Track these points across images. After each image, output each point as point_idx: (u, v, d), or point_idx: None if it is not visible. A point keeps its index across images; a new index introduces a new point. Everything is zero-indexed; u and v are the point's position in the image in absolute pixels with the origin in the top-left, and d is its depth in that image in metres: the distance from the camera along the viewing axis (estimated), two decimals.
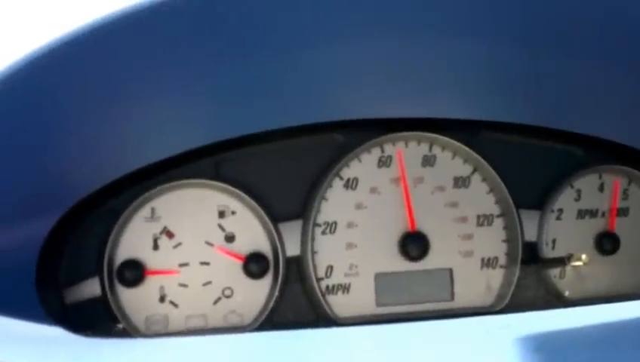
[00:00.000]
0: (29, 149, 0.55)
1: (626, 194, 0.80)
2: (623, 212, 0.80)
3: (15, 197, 0.57)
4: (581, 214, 0.79)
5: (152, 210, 0.73)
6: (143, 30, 0.51)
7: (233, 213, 0.74)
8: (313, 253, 0.74)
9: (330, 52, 0.59)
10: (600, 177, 0.80)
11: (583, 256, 0.76)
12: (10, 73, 0.49)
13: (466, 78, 0.64)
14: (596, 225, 0.79)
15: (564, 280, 0.78)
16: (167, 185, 0.72)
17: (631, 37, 0.56)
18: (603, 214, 0.80)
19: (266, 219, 0.73)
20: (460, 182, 0.77)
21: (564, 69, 0.61)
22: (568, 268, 0.78)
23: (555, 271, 0.78)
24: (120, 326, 0.71)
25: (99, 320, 0.71)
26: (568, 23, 0.56)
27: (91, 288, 0.70)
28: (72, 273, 0.70)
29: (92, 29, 0.49)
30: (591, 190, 0.79)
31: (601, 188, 0.79)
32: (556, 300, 0.77)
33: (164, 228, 0.73)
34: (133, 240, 0.72)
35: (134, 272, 0.72)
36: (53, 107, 0.54)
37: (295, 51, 0.58)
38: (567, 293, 0.78)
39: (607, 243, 0.78)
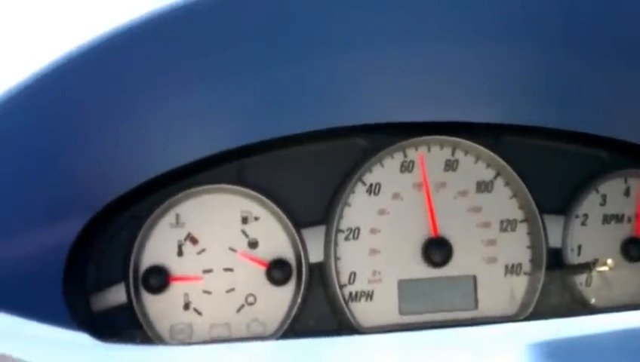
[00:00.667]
0: (54, 155, 0.56)
1: None
2: None
3: (41, 204, 0.58)
4: (607, 219, 0.78)
5: (177, 215, 0.73)
6: (167, 35, 0.52)
7: (256, 218, 0.74)
8: (336, 259, 0.74)
9: (353, 56, 0.59)
10: (625, 181, 0.78)
11: (609, 261, 0.75)
12: (36, 79, 0.50)
13: (489, 81, 0.64)
14: (622, 231, 0.78)
15: (590, 287, 0.76)
16: (191, 191, 0.73)
17: None
18: (629, 219, 0.78)
19: (289, 224, 0.73)
20: (483, 187, 0.76)
21: (587, 70, 0.60)
22: (594, 275, 0.77)
23: (580, 279, 0.77)
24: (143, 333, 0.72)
25: (124, 329, 0.70)
26: (592, 25, 0.56)
27: (117, 295, 0.70)
28: (98, 279, 0.71)
29: (116, 33, 0.50)
30: (616, 194, 0.78)
31: (627, 193, 0.78)
32: (582, 308, 0.75)
33: (189, 234, 0.73)
34: (158, 246, 0.73)
35: (159, 278, 0.72)
36: (78, 112, 0.55)
37: (317, 56, 0.59)
38: (593, 301, 0.76)
39: (633, 249, 0.76)
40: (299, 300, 0.72)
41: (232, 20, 0.53)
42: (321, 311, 0.73)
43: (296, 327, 0.73)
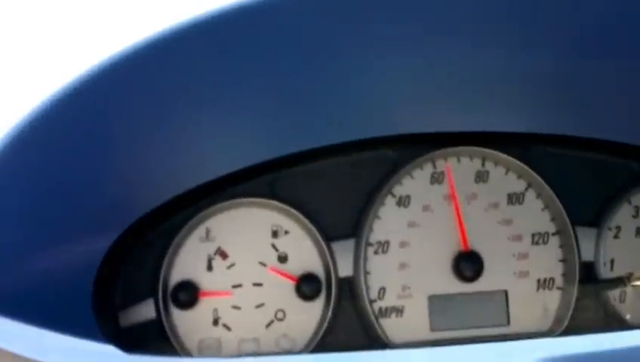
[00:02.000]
0: (85, 171, 0.57)
1: None
2: None
3: (72, 220, 0.58)
4: None
5: (207, 230, 0.73)
6: (198, 49, 0.53)
7: (286, 232, 0.74)
8: (366, 273, 0.73)
9: (382, 67, 0.59)
10: None
11: None
12: (66, 94, 0.51)
13: (519, 91, 0.64)
14: None
15: (624, 303, 0.74)
16: (222, 205, 0.73)
17: None
18: None
19: (319, 238, 0.72)
20: (514, 199, 0.75)
21: (619, 79, 0.60)
22: (629, 291, 0.74)
23: (614, 294, 0.74)
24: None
25: (153, 343, 0.70)
26: (623, 33, 0.56)
27: (146, 310, 0.70)
28: (128, 294, 0.70)
29: (147, 47, 0.51)
30: None
31: None
32: (617, 323, 0.73)
33: (219, 248, 0.73)
34: (188, 261, 0.72)
35: (188, 294, 0.71)
36: (109, 128, 0.56)
37: (347, 68, 0.59)
38: (628, 316, 0.73)
39: None
40: (328, 315, 0.71)
41: (264, 33, 0.54)
42: (350, 326, 0.72)
43: (325, 343, 0.71)
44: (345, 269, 0.72)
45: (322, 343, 0.71)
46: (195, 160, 0.65)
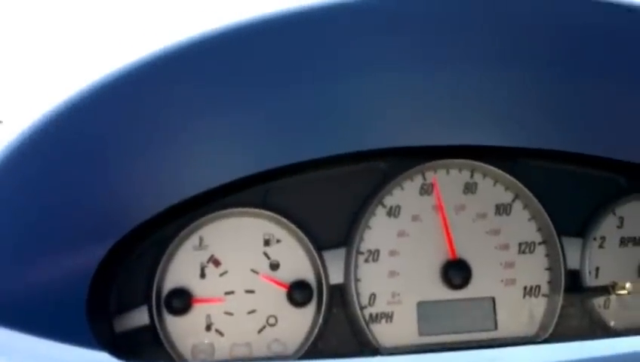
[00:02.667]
0: (79, 181, 0.57)
1: None
2: None
3: (67, 230, 0.59)
4: (624, 242, 0.78)
5: (200, 238, 0.74)
6: (192, 66, 0.54)
7: (278, 241, 0.75)
8: (356, 281, 0.74)
9: (373, 82, 0.61)
10: None
11: (628, 285, 0.74)
12: (63, 108, 0.52)
13: (506, 106, 0.65)
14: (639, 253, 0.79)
15: (608, 310, 0.76)
16: (215, 214, 0.74)
17: None
18: None
19: (311, 247, 0.74)
20: (502, 210, 0.77)
21: (604, 95, 0.61)
22: (613, 298, 0.76)
23: (599, 301, 0.76)
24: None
25: (146, 349, 0.71)
26: (607, 49, 0.57)
27: (140, 316, 0.71)
28: (122, 301, 0.71)
29: (143, 64, 0.52)
30: (633, 217, 0.78)
31: None
32: (601, 330, 0.75)
33: (212, 256, 0.74)
34: (181, 268, 0.73)
35: (182, 301, 0.72)
36: (103, 141, 0.56)
37: (338, 82, 0.60)
38: (612, 323, 0.75)
39: None
40: (319, 321, 0.72)
41: (258, 50, 0.54)
42: (341, 332, 0.73)
43: (317, 347, 0.72)
44: (336, 277, 0.74)
45: (314, 348, 0.72)
46: (189, 172, 0.65)
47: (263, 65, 0.56)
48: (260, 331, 0.73)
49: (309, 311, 0.73)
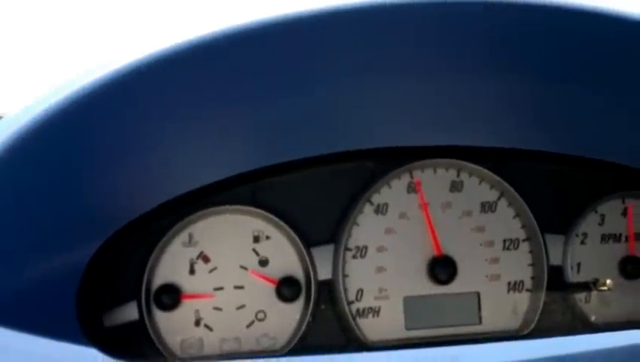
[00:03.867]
0: (71, 179, 0.58)
1: None
2: None
3: (58, 226, 0.59)
4: (605, 238, 0.80)
5: (190, 235, 0.75)
6: (183, 69, 0.54)
7: (267, 237, 0.76)
8: (344, 276, 0.75)
9: (362, 85, 0.61)
10: (623, 202, 0.80)
11: (608, 281, 0.76)
12: (57, 106, 0.52)
13: (491, 108, 0.66)
14: (620, 249, 0.80)
15: (589, 304, 0.78)
16: (205, 212, 0.74)
17: None
18: (626, 239, 0.80)
19: (299, 243, 0.75)
20: (487, 207, 0.79)
21: (586, 100, 0.63)
22: (594, 293, 0.78)
23: (580, 296, 0.78)
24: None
25: (136, 343, 0.72)
26: (589, 55, 0.58)
27: (129, 312, 0.72)
28: (111, 297, 0.72)
29: (135, 65, 0.52)
30: (614, 215, 0.80)
31: (625, 213, 0.80)
32: (582, 325, 0.77)
33: (201, 252, 0.74)
34: (171, 265, 0.74)
35: (171, 296, 0.73)
36: (96, 141, 0.57)
37: (328, 85, 0.61)
38: (593, 318, 0.78)
39: (630, 267, 0.78)
40: (308, 316, 0.74)
41: (246, 51, 0.55)
42: (329, 326, 0.75)
43: (305, 342, 0.74)
44: (324, 272, 0.75)
45: (302, 342, 0.73)
46: (179, 170, 0.66)
47: (253, 68, 0.56)
48: (248, 326, 0.74)
49: (298, 306, 0.75)
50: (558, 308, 0.77)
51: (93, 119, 0.54)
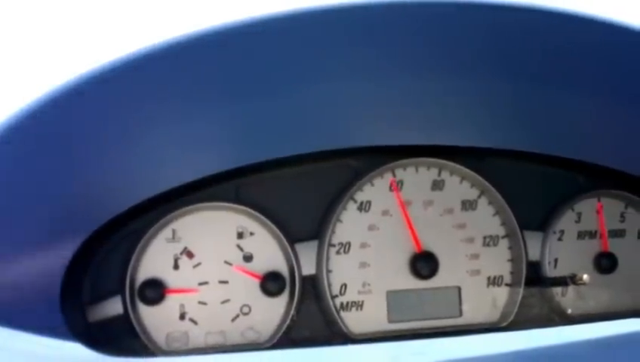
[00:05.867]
0: (55, 175, 0.58)
1: (623, 217, 0.84)
2: (619, 233, 0.84)
3: (43, 221, 0.59)
4: (581, 235, 0.83)
5: (173, 231, 0.75)
6: (170, 67, 0.54)
7: (252, 234, 0.77)
8: (328, 271, 0.77)
9: (346, 86, 0.62)
10: (599, 200, 0.83)
11: (585, 276, 0.79)
12: (41, 104, 0.52)
13: (472, 109, 0.67)
14: (595, 246, 0.83)
15: (566, 297, 0.81)
16: (188, 208, 0.75)
17: (627, 72, 0.60)
18: (601, 235, 0.83)
19: (283, 239, 0.76)
20: (468, 205, 0.81)
21: (565, 101, 0.65)
22: (570, 287, 0.81)
23: (557, 290, 0.82)
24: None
25: (121, 337, 0.73)
26: (568, 58, 0.60)
27: (114, 306, 0.72)
28: (95, 292, 0.72)
29: (120, 63, 0.52)
30: (590, 213, 0.83)
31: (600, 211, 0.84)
32: (559, 317, 0.80)
33: (185, 248, 0.75)
34: (155, 260, 0.75)
35: (155, 291, 0.74)
36: (79, 134, 0.57)
37: (312, 84, 0.61)
38: (569, 311, 0.81)
39: (605, 262, 0.82)
40: (292, 311, 0.75)
41: (228, 52, 0.55)
42: (313, 320, 0.77)
43: (290, 336, 0.76)
44: (308, 268, 0.76)
45: (287, 335, 0.75)
46: (165, 166, 0.66)
47: (240, 67, 0.57)
48: (233, 320, 0.75)
49: (282, 300, 0.76)
50: (536, 301, 0.80)
51: (75, 115, 0.55)
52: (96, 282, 0.72)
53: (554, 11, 0.55)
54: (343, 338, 0.76)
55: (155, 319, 0.74)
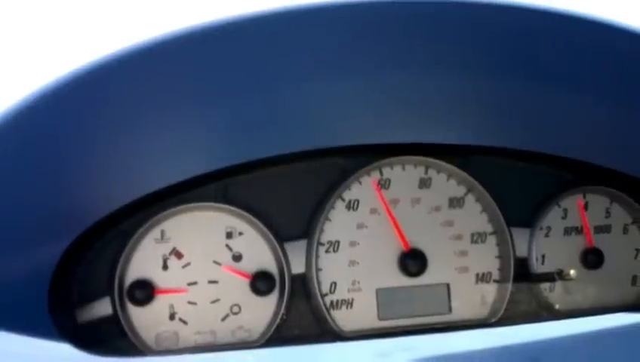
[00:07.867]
0: (42, 176, 0.58)
1: (608, 213, 0.85)
2: (605, 229, 0.85)
3: (31, 221, 0.60)
4: (567, 231, 0.84)
5: (162, 231, 0.76)
6: (153, 65, 0.54)
7: (240, 233, 0.78)
8: (317, 270, 0.78)
9: (333, 85, 0.63)
10: (584, 197, 0.85)
11: (572, 272, 0.80)
12: (27, 104, 0.52)
13: (458, 106, 0.68)
14: (581, 242, 0.84)
15: (553, 293, 0.83)
16: (177, 208, 0.76)
17: (615, 70, 0.61)
18: (586, 231, 0.84)
19: (272, 239, 0.77)
20: (455, 203, 0.82)
21: (551, 98, 0.65)
22: (558, 283, 0.82)
23: (545, 285, 0.83)
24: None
25: (110, 338, 0.73)
26: (554, 56, 0.60)
27: (102, 307, 0.73)
28: (84, 293, 0.73)
29: (106, 63, 0.53)
30: (576, 209, 0.84)
31: (586, 207, 0.84)
32: (547, 313, 0.81)
33: (174, 248, 0.76)
34: (144, 260, 0.75)
35: (144, 291, 0.74)
36: (66, 135, 0.57)
37: (298, 84, 0.62)
38: (557, 306, 0.82)
39: (591, 258, 0.83)
40: (282, 309, 0.76)
41: (218, 49, 0.55)
42: (303, 318, 0.77)
43: (280, 334, 0.76)
44: (297, 267, 0.77)
45: (277, 334, 0.76)
46: (153, 166, 0.67)
47: (226, 66, 0.57)
48: (223, 319, 0.76)
49: (272, 299, 0.77)
50: (524, 297, 0.81)
51: (62, 116, 0.55)
52: (85, 283, 0.72)
53: (537, 9, 0.56)
54: (334, 336, 0.77)
55: (145, 319, 0.74)
